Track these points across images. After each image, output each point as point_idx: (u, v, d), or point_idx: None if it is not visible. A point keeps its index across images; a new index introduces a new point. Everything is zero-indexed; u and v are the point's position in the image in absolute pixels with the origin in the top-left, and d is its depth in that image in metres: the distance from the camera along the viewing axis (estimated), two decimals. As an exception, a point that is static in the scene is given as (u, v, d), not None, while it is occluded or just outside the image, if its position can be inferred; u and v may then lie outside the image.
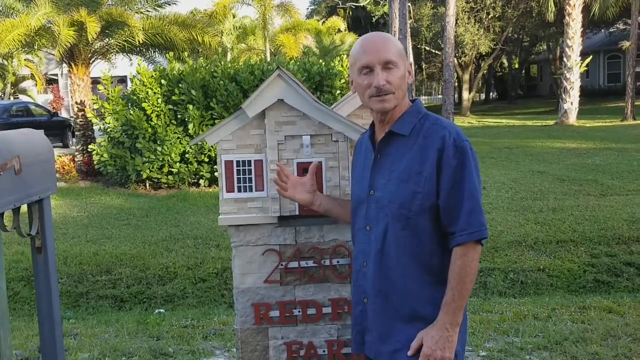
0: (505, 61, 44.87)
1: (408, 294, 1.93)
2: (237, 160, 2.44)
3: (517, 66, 44.40)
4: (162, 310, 5.94)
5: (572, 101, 22.87)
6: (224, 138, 2.42)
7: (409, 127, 1.97)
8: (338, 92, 11.78)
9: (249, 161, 2.44)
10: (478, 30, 30.74)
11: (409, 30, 17.86)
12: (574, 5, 22.03)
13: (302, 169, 2.40)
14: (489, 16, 31.52)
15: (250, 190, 2.46)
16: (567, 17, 22.31)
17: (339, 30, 26.77)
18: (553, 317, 4.84)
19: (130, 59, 15.07)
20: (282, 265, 2.49)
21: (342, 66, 12.17)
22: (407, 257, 1.92)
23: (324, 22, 28.10)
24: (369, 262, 2.00)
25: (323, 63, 11.99)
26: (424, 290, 1.92)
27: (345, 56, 13.15)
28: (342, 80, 12.04)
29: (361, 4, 31.34)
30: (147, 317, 5.37)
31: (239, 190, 2.46)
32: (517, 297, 6.07)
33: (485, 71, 39.07)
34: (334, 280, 2.51)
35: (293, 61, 11.76)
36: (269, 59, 19.37)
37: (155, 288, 6.54)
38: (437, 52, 34.04)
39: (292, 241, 2.49)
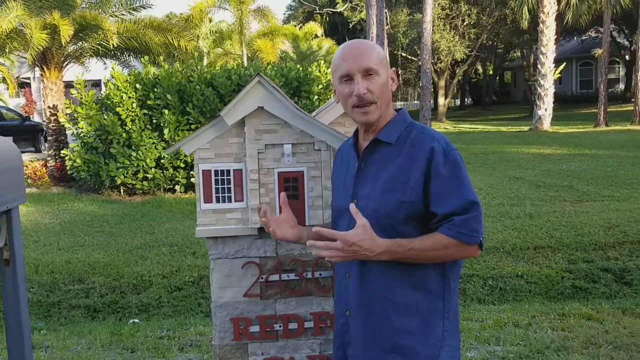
0: (479, 67, 45.33)
1: (392, 307, 1.85)
2: (215, 170, 2.35)
3: (491, 72, 44.90)
4: (136, 320, 5.79)
5: (546, 107, 23.13)
6: (201, 147, 2.33)
7: (395, 135, 1.90)
8: (316, 97, 11.73)
9: (228, 170, 2.35)
10: (453, 37, 30.98)
11: (386, 36, 17.89)
12: (548, 13, 22.30)
13: (284, 178, 2.32)
14: (464, 23, 31.80)
15: (229, 201, 2.37)
16: (541, 25, 22.58)
17: (316, 36, 26.74)
18: (533, 325, 4.82)
19: (105, 63, 14.83)
20: (262, 278, 2.40)
21: (319, 72, 12.12)
22: (391, 269, 1.85)
23: (301, 27, 28.06)
24: (352, 273, 1.93)
25: (301, 68, 11.93)
26: (408, 304, 1.85)
27: (322, 61, 13.10)
28: (320, 86, 11.99)
29: (338, 10, 31.39)
30: (121, 327, 5.23)
31: (218, 201, 2.37)
32: (497, 304, 6.05)
33: (460, 77, 39.42)
34: (316, 294, 2.43)
35: (270, 66, 11.68)
36: (246, 64, 19.25)
37: (129, 297, 6.39)
38: (413, 58, 34.23)
39: (272, 253, 2.41)
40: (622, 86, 38.20)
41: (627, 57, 37.17)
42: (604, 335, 4.45)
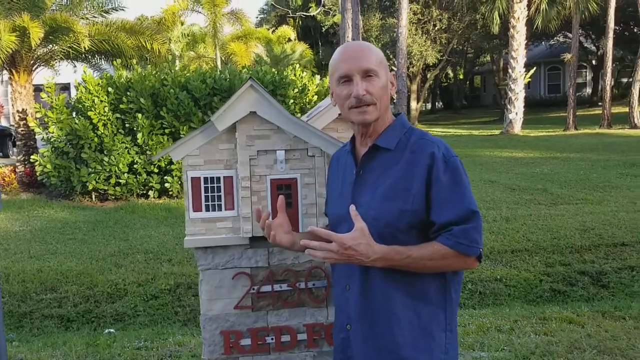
0: (450, 72, 45.80)
1: (395, 320, 1.79)
2: (204, 177, 2.26)
3: (461, 77, 45.43)
4: (112, 330, 5.64)
5: (517, 111, 23.42)
6: (190, 153, 2.24)
7: (394, 141, 1.85)
8: (292, 101, 11.66)
9: (218, 178, 2.26)
10: (425, 41, 31.22)
11: (361, 40, 17.92)
12: (519, 18, 22.60)
13: (276, 186, 2.24)
14: (436, 28, 32.08)
15: (220, 209, 2.28)
16: (511, 30, 22.87)
17: (289, 40, 26.67)
18: (516, 330, 4.81)
19: (75, 66, 14.53)
20: (253, 289, 2.32)
21: (295, 75, 12.05)
22: (395, 281, 1.78)
23: (273, 31, 27.96)
24: (353, 285, 1.86)
25: (276, 72, 11.84)
26: (410, 316, 1.79)
27: (298, 65, 13.04)
28: (295, 90, 11.92)
29: (311, 14, 31.36)
30: (96, 338, 5.08)
31: (207, 209, 2.27)
32: (477, 308, 6.04)
33: (431, 82, 39.74)
34: (310, 305, 2.35)
35: (245, 70, 11.56)
36: (219, 67, 19.07)
37: (104, 306, 6.22)
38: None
39: (264, 263, 2.32)
40: (589, 90, 38.99)
41: (593, 61, 37.97)
42: (586, 339, 4.46)
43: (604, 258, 7.10)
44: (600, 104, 29.86)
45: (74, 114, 10.94)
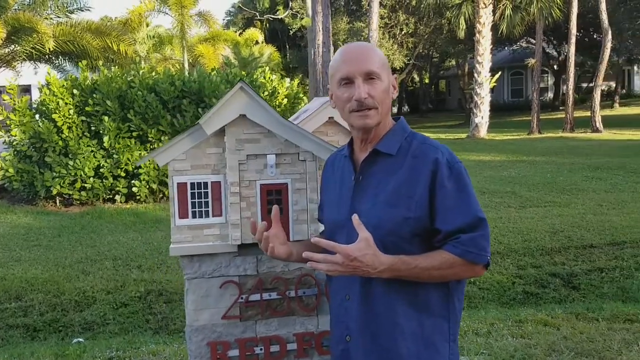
0: (416, 76, 46.24)
1: (399, 331, 1.73)
2: (191, 182, 2.17)
3: (427, 81, 45.91)
4: (81, 340, 5.46)
5: (482, 115, 23.75)
6: (176, 157, 2.15)
7: (396, 146, 1.78)
8: (261, 104, 11.54)
9: (205, 183, 2.18)
10: (392, 45, 31.44)
11: (332, 43, 17.92)
12: (484, 24, 22.94)
13: (266, 191, 2.17)
14: (403, 32, 32.35)
15: (207, 216, 2.19)
16: (477, 35, 23.19)
17: (257, 42, 26.51)
18: (493, 333, 4.82)
19: (36, 67, 14.16)
20: (242, 298, 2.24)
21: (264, 78, 11.96)
22: (396, 289, 1.72)
23: (241, 33, 27.76)
24: (353, 295, 1.79)
25: (246, 75, 11.73)
26: (413, 326, 1.73)
27: (267, 68, 12.94)
28: (265, 93, 11.83)
29: (279, 17, 31.27)
30: (65, 348, 4.91)
31: (194, 216, 2.19)
32: (452, 311, 6.04)
33: (398, 86, 39.97)
34: (300, 313, 2.28)
35: (215, 72, 11.42)
36: (187, 69, 18.82)
37: (71, 315, 6.02)
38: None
39: (253, 271, 2.25)
40: (550, 95, 39.82)
41: (555, 66, 38.79)
42: (563, 341, 4.49)
43: (573, 260, 7.19)
44: (562, 108, 30.51)
45: (37, 117, 10.63)
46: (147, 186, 10.63)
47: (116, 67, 12.03)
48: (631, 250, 7.31)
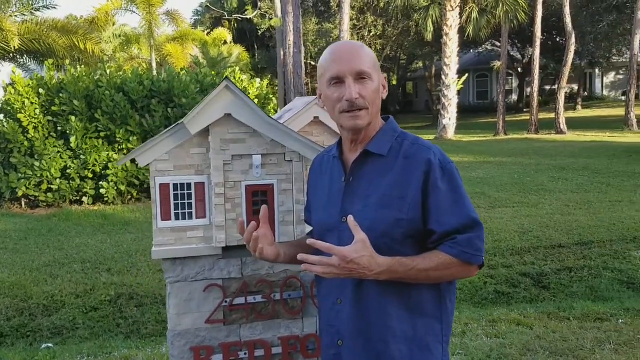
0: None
1: (391, 334, 1.71)
2: (174, 183, 2.11)
3: (394, 83, 46.19)
4: (50, 345, 5.31)
5: (450, 117, 24.02)
6: (158, 157, 2.09)
7: (386, 146, 1.76)
8: (231, 104, 11.46)
9: (189, 184, 2.12)
10: (360, 46, 31.47)
11: (302, 44, 17.88)
12: (451, 26, 23.21)
13: (252, 192, 2.12)
14: (371, 34, 32.49)
15: (190, 217, 2.14)
16: (444, 37, 23.45)
17: (225, 42, 26.29)
18: (468, 332, 4.85)
19: (1, 65, 13.80)
20: (226, 302, 2.19)
21: (234, 78, 11.87)
22: (389, 291, 1.70)
23: (208, 33, 27.50)
24: (344, 298, 1.76)
25: (216, 74, 11.62)
26: (406, 328, 1.71)
27: (237, 68, 12.85)
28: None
29: (248, 17, 31.07)
30: (34, 353, 4.78)
31: (177, 218, 2.13)
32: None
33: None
34: (285, 316, 2.24)
35: (184, 72, 11.27)
36: (155, 69, 18.54)
37: (39, 319, 5.85)
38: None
39: (237, 274, 2.20)
40: (515, 97, 40.47)
41: (519, 69, 39.45)
42: (537, 340, 4.54)
43: (543, 259, 7.30)
44: (525, 110, 31.05)
45: (1, 116, 10.34)
46: (115, 187, 10.43)
47: (83, 66, 11.76)
48: (598, 249, 7.45)
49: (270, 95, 12.86)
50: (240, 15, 32.03)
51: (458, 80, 24.24)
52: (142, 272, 6.83)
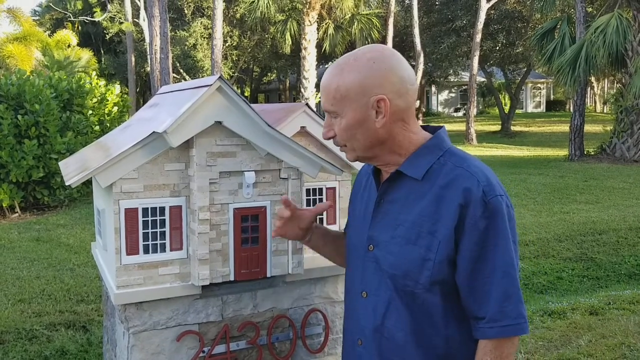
0: (237, 89, 46.21)
1: None
2: (144, 208, 1.67)
3: (248, 94, 46.04)
4: None
5: (309, 130, 24.28)
6: (125, 176, 1.64)
7: (424, 168, 1.43)
8: (90, 112, 10.54)
9: (162, 208, 1.69)
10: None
11: (170, 49, 16.93)
12: (310, 41, 23.51)
13: (241, 217, 1.75)
14: (227, 44, 32.00)
15: (163, 250, 1.71)
16: (304, 51, 23.69)
17: (69, 45, 24.32)
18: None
19: None
20: (204, 352, 1.78)
21: (91, 84, 10.93)
22: (415, 343, 1.42)
23: (50, 34, 25.31)
24: (366, 340, 1.48)
25: (74, 79, 10.59)
26: None
27: (94, 73, 11.83)
28: (95, 100, 10.82)
29: (96, 20, 29.07)
30: None
31: (146, 251, 1.69)
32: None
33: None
34: (273, 364, 1.88)
35: (35, 75, 10.11)
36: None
37: None
38: (175, 75, 33.35)
39: (217, 317, 1.80)
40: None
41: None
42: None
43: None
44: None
45: None
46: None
47: None
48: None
49: (129, 104, 12.04)
50: (88, 18, 29.88)
51: (317, 94, 24.61)
52: None
